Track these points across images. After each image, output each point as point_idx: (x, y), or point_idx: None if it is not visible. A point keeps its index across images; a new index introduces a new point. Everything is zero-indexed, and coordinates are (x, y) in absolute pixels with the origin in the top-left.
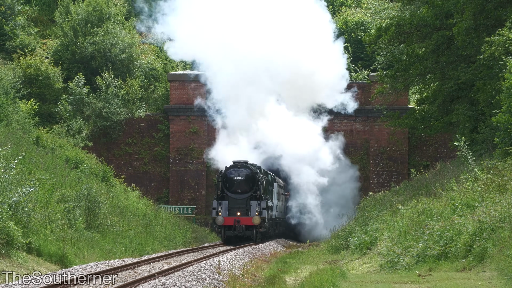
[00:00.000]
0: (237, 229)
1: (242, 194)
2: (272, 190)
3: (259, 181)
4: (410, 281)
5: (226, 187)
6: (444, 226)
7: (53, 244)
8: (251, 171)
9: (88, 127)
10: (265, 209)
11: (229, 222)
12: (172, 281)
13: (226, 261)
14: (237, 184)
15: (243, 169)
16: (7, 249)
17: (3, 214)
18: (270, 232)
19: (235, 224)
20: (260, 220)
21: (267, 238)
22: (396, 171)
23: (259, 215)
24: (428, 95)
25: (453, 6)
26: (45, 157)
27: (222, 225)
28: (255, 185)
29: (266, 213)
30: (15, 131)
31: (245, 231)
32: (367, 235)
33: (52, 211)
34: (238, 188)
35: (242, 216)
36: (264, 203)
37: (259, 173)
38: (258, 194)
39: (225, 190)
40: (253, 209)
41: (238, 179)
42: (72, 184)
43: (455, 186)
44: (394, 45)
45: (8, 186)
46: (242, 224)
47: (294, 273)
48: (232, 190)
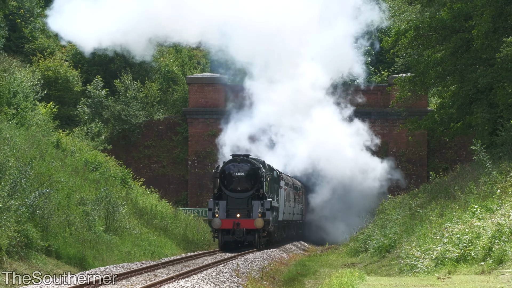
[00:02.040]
0: (237, 233)
1: (243, 192)
2: (279, 189)
3: (262, 178)
4: (429, 284)
5: (224, 184)
6: (463, 229)
7: (72, 247)
8: (253, 166)
9: (107, 130)
10: (269, 210)
11: (228, 225)
12: (191, 284)
13: (245, 264)
14: (237, 181)
15: (244, 164)
16: (26, 252)
17: (22, 216)
18: (276, 237)
19: (235, 227)
20: (263, 223)
21: (273, 244)
22: (415, 173)
23: (262, 217)
24: (444, 101)
25: (472, 8)
26: (64, 160)
27: (219, 228)
28: (257, 182)
29: (270, 215)
30: (34, 134)
31: (246, 235)
32: (386, 238)
33: (71, 214)
34: (238, 185)
35: (242, 218)
36: (268, 203)
37: (263, 168)
38: (261, 192)
39: (223, 188)
40: (255, 210)
41: (238, 176)
42: (91, 187)
43: (474, 189)
44: (413, 48)
45: (27, 189)
46: (243, 228)
47: (313, 276)
48: (231, 188)
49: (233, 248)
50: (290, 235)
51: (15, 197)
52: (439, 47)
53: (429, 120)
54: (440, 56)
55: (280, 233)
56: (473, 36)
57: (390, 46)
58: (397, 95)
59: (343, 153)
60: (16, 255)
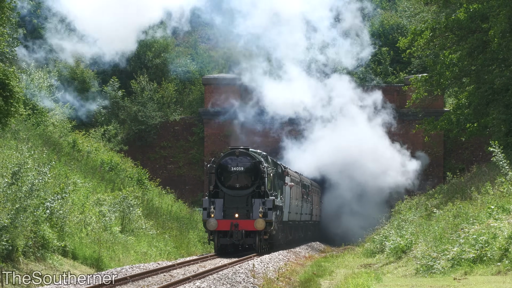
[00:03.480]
0: (235, 235)
1: (242, 189)
2: (283, 186)
3: (264, 173)
4: (446, 285)
5: (221, 180)
6: (480, 229)
7: (88, 247)
8: (253, 159)
9: (123, 131)
10: (271, 209)
11: (224, 226)
12: (207, 284)
13: (261, 264)
14: (235, 177)
15: (243, 157)
16: (42, 252)
17: (38, 217)
18: (280, 239)
19: (232, 229)
20: (264, 224)
21: (276, 248)
22: (431, 174)
23: (263, 217)
24: (460, 101)
25: (489, 9)
26: (81, 160)
27: (215, 230)
28: (258, 178)
29: (273, 215)
30: (51, 135)
31: (245, 238)
32: (402, 239)
33: (87, 214)
34: (237, 182)
35: (241, 218)
36: (271, 202)
37: (264, 162)
38: (263, 190)
39: (220, 185)
40: (256, 209)
41: (237, 171)
42: (107, 188)
43: (490, 189)
44: (430, 49)
45: (42, 189)
46: (241, 229)
47: (329, 276)
48: (229, 184)
49: (231, 252)
50: (297, 237)
51: (32, 198)
52: (455, 48)
53: (445, 121)
54: (456, 56)
55: (285, 235)
56: (490, 37)
57: (406, 46)
58: (413, 95)
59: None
60: (32, 255)
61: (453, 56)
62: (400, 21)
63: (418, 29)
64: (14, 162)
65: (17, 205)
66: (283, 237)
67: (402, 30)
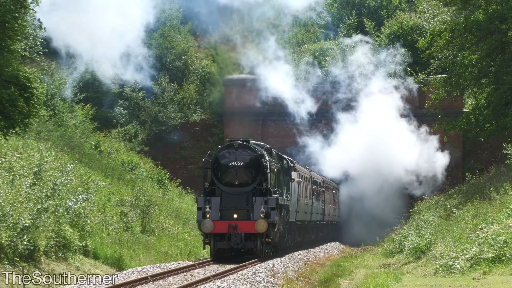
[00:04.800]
0: (233, 238)
1: (241, 187)
2: (289, 182)
3: (267, 168)
4: (465, 284)
5: (217, 177)
6: (499, 229)
7: (109, 247)
8: (254, 153)
9: (144, 132)
10: (274, 209)
11: (222, 228)
12: (227, 284)
13: (281, 264)
14: (234, 173)
15: (243, 151)
16: (63, 252)
17: (60, 218)
18: (286, 242)
19: (230, 231)
20: (266, 226)
21: (282, 252)
22: (450, 174)
23: (265, 218)
24: (479, 102)
25: (508, 10)
26: (102, 161)
27: (211, 232)
28: (260, 174)
29: (276, 215)
30: (72, 135)
31: (244, 241)
32: (421, 239)
33: (108, 215)
34: (235, 178)
35: (240, 219)
36: (273, 201)
37: (267, 156)
38: (265, 187)
39: (217, 182)
40: (257, 209)
41: (235, 165)
42: (128, 188)
43: (509, 189)
44: (449, 50)
45: (63, 189)
46: (240, 232)
47: (348, 276)
48: (227, 181)
49: (229, 257)
50: (307, 239)
51: (54, 198)
52: (474, 49)
53: (464, 121)
54: (475, 57)
55: (293, 237)
56: (509, 38)
57: (425, 47)
58: (432, 96)
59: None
60: (54, 255)
61: (472, 57)
62: (419, 23)
63: (437, 30)
64: (35, 162)
65: (38, 205)
66: (290, 239)
67: (422, 31)
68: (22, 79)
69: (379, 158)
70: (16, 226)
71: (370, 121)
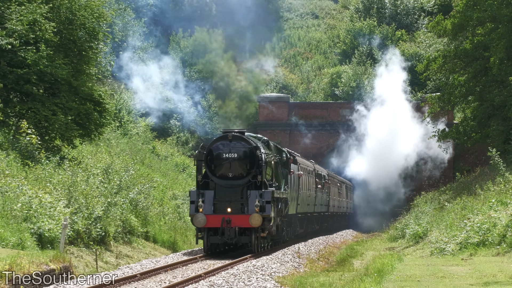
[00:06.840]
0: (227, 233)
1: (236, 180)
2: (288, 175)
3: (262, 161)
4: (455, 264)
5: (211, 169)
6: (483, 219)
7: (166, 233)
8: (249, 145)
9: (193, 140)
10: (270, 202)
11: (215, 222)
12: (261, 263)
13: (305, 247)
14: (228, 165)
15: (237, 143)
16: (129, 237)
17: (125, 208)
18: (283, 236)
19: (224, 225)
20: (261, 220)
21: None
22: (443, 174)
23: (260, 212)
24: (467, 115)
25: (490, 40)
26: (159, 163)
27: (204, 227)
28: (255, 167)
29: (272, 209)
30: (135, 142)
31: (238, 236)
32: (420, 227)
33: (165, 207)
34: (229, 171)
35: (234, 213)
36: (269, 194)
37: (262, 148)
38: (260, 180)
39: (210, 174)
40: (252, 203)
41: (229, 158)
42: (181, 185)
43: (491, 187)
44: (442, 73)
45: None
46: (234, 226)
47: (360, 257)
48: (220, 174)
49: (222, 252)
50: (310, 230)
51: (121, 194)
52: (462, 72)
53: (455, 131)
54: (463, 79)
55: (293, 229)
56: (491, 63)
57: (422, 71)
58: (428, 110)
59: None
60: (121, 239)
61: (461, 79)
62: (417, 51)
63: (432, 56)
64: (105, 163)
65: (108, 199)
66: (290, 232)
67: (420, 57)
68: (96, 96)
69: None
70: (90, 216)
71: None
